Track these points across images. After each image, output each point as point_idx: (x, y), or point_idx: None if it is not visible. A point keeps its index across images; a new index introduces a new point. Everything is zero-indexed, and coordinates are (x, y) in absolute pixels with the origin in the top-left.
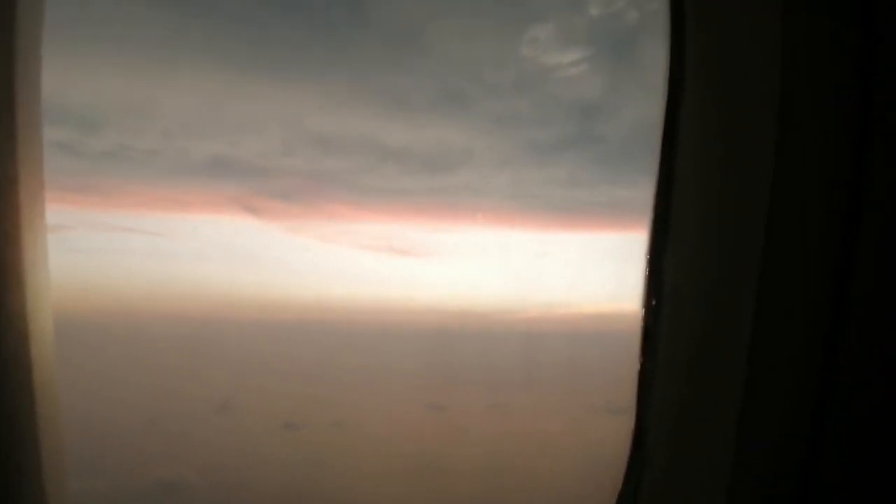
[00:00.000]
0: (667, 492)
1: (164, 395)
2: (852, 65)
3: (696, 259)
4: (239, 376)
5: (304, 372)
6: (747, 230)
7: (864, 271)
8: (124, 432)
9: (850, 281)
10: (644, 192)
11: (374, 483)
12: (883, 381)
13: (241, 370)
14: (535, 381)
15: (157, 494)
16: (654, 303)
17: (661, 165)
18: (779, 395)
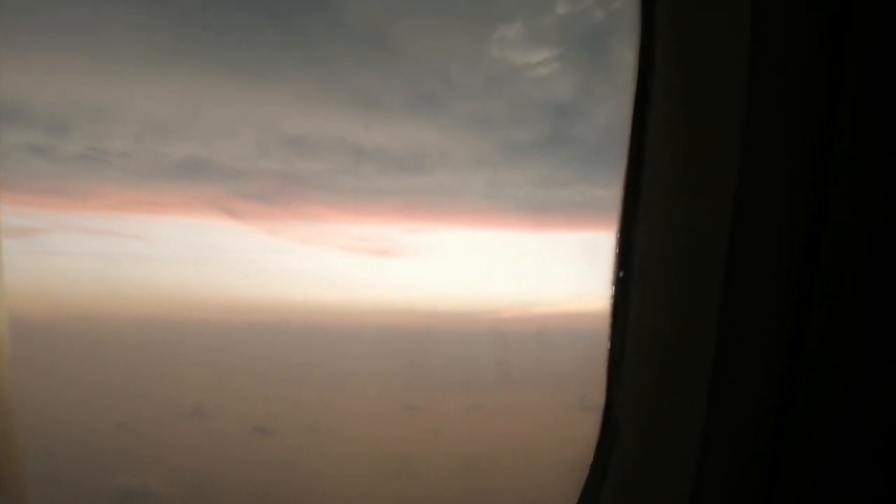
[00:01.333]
0: (637, 469)
1: (138, 399)
2: (821, 62)
3: (666, 231)
4: (215, 380)
5: (280, 375)
6: (716, 204)
7: (832, 247)
8: (92, 437)
9: (820, 256)
10: (619, 190)
11: (347, 486)
12: (854, 356)
13: (217, 373)
14: (511, 381)
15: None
16: (622, 276)
17: (632, 137)
18: (749, 369)
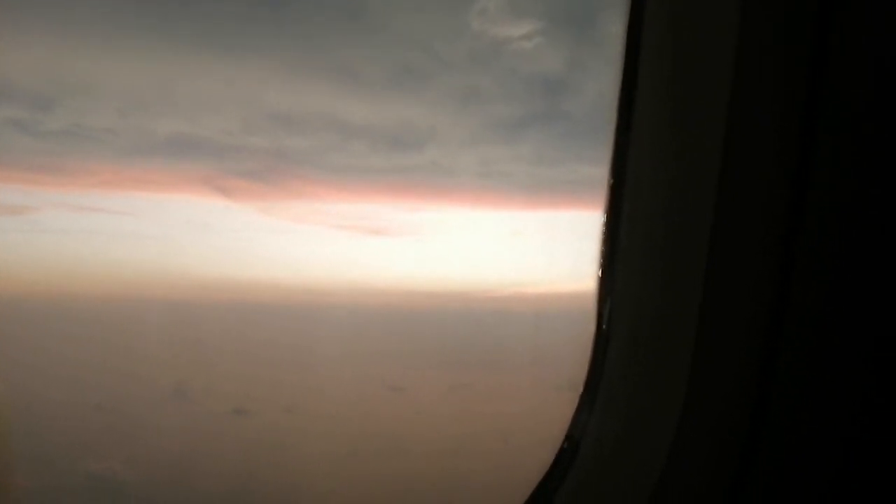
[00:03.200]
0: (626, 380)
1: (117, 379)
2: (806, 45)
3: (656, 156)
4: (198, 360)
5: (265, 356)
6: (707, 131)
7: (815, 214)
8: (68, 419)
9: (802, 220)
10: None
11: (328, 468)
12: (834, 319)
13: (200, 354)
14: (500, 362)
15: (81, 489)
16: (612, 183)
17: (623, 82)
18: (740, 282)
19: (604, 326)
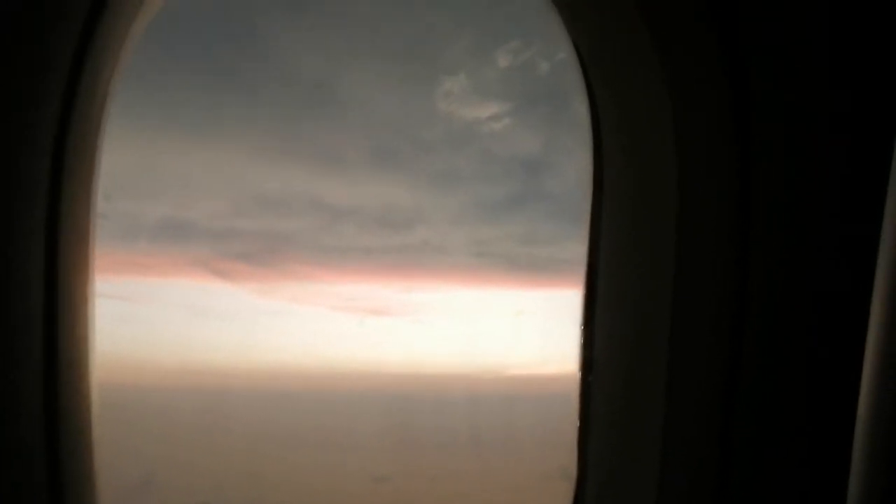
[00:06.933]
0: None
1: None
2: (732, 123)
3: (621, 258)
4: (171, 451)
5: (243, 445)
6: (661, 235)
7: (760, 257)
8: None
9: (751, 253)
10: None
11: None
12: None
13: (176, 444)
14: (492, 448)
15: None
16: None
17: (594, 177)
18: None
19: (584, 409)
